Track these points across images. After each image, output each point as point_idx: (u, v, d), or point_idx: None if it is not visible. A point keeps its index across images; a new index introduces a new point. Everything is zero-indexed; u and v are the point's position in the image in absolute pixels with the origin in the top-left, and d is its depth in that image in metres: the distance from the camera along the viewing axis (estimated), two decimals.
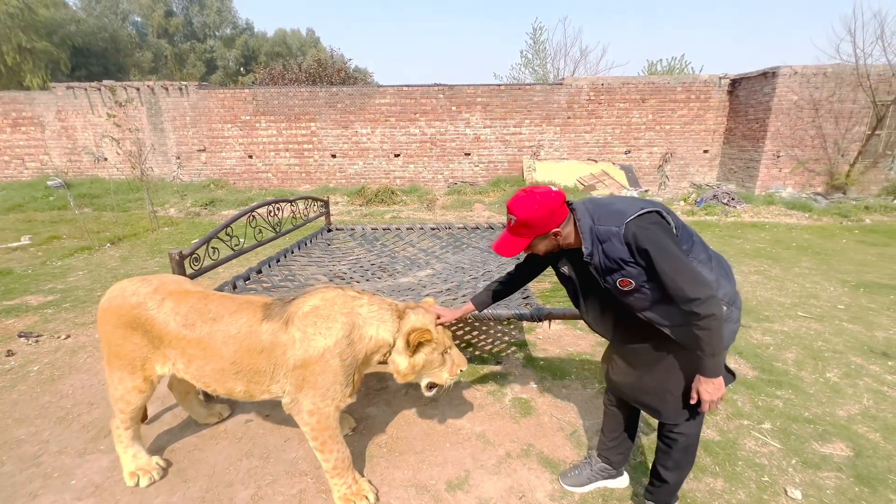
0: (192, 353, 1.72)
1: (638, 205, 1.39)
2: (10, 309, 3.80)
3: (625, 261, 1.38)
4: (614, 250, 1.38)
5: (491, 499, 1.85)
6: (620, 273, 1.41)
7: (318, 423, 1.69)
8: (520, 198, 1.45)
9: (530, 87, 10.06)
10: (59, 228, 6.90)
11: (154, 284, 1.81)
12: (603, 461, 1.87)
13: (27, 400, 2.55)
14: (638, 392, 1.61)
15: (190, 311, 1.73)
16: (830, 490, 1.89)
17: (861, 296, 4.11)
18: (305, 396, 1.68)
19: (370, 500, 1.80)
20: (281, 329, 1.67)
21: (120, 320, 1.75)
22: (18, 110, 10.17)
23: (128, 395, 1.83)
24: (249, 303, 1.77)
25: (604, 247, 1.40)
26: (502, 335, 3.36)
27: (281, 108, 10.07)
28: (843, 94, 8.56)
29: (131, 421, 1.90)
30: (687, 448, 1.60)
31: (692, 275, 1.32)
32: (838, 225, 7.21)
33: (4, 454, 2.10)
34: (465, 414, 2.40)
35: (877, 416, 2.37)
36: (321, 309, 1.68)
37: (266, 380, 1.71)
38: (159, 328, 1.73)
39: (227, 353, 1.69)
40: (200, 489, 1.90)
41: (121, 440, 1.92)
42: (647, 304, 1.44)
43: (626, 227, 1.35)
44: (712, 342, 1.35)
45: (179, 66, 24.94)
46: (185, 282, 1.93)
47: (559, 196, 1.44)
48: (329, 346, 1.64)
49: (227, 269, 4.63)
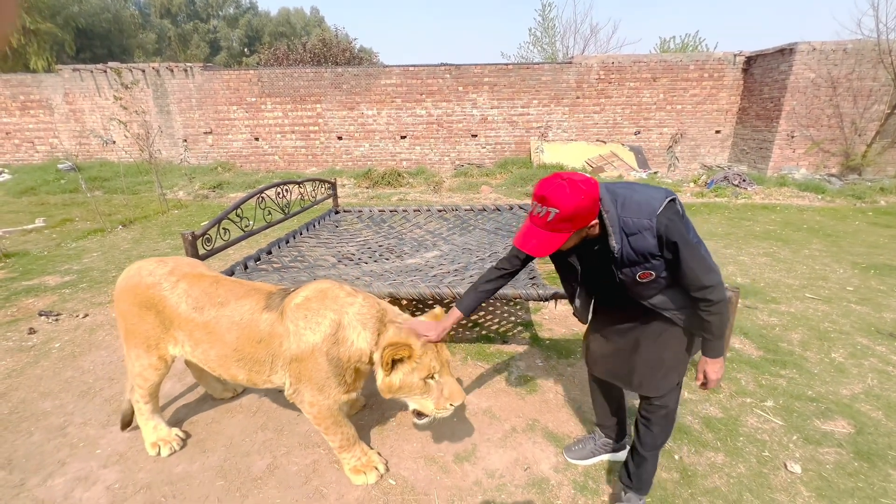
0: (199, 336, 1.74)
1: (660, 194, 1.34)
2: (30, 289, 3.91)
3: (653, 254, 1.33)
4: (644, 244, 1.32)
5: (497, 470, 1.92)
6: (643, 266, 1.37)
7: (319, 413, 1.72)
8: (559, 186, 1.25)
9: (539, 67, 9.85)
10: (71, 211, 7.01)
11: (170, 266, 1.84)
12: (606, 436, 1.93)
13: (50, 375, 2.65)
14: (623, 369, 1.62)
15: (201, 294, 1.75)
16: (830, 465, 1.92)
17: (871, 278, 4.08)
18: (305, 388, 1.69)
19: (380, 470, 1.87)
20: (278, 320, 1.67)
21: (136, 299, 1.79)
22: (27, 93, 10.20)
23: (144, 371, 1.89)
24: (256, 290, 1.78)
25: (630, 240, 1.33)
26: (509, 315, 3.40)
27: (286, 90, 9.99)
28: (862, 71, 8.28)
29: (150, 396, 1.97)
30: (666, 421, 1.61)
31: (707, 263, 1.33)
32: (852, 207, 7.09)
33: (32, 425, 2.21)
34: (472, 390, 2.46)
35: (880, 396, 2.39)
36: (312, 301, 1.65)
37: (266, 369, 1.72)
38: (171, 309, 1.75)
39: (229, 339, 1.70)
40: (219, 458, 1.99)
41: (141, 413, 2.00)
42: (654, 292, 1.43)
43: (657, 220, 1.30)
44: (721, 325, 1.38)
45: (183, 47, 24.71)
46: (200, 265, 1.96)
47: (596, 183, 1.32)
48: (317, 342, 1.61)
49: (237, 250, 4.70)
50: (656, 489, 1.79)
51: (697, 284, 1.33)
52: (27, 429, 2.18)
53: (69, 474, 1.90)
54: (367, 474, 1.83)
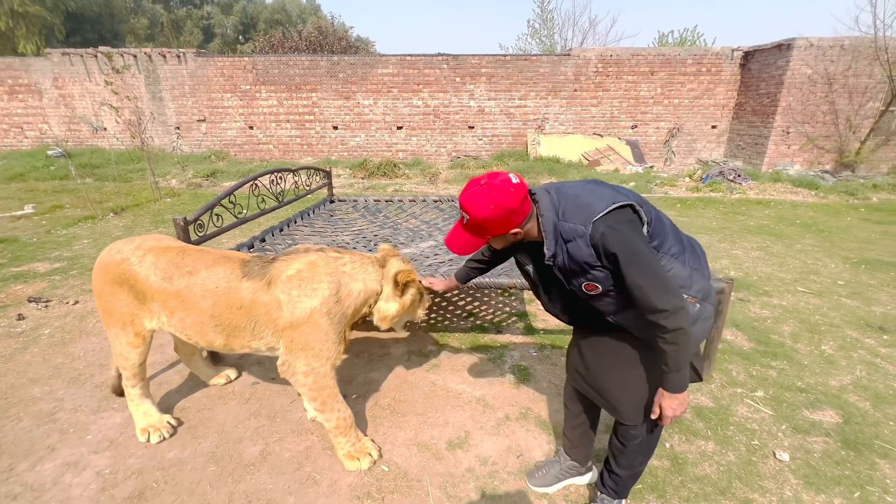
0: (173, 305, 1.78)
1: (608, 198, 1.22)
2: (19, 275, 3.85)
3: (590, 265, 1.22)
4: (579, 252, 1.22)
5: (490, 457, 1.93)
6: (586, 277, 1.26)
7: (315, 382, 1.74)
8: (474, 193, 1.24)
9: (536, 58, 9.79)
10: (61, 198, 6.90)
11: (137, 242, 1.88)
12: (571, 458, 1.78)
13: (40, 361, 2.62)
14: (597, 387, 1.50)
15: (168, 264, 1.78)
16: (818, 453, 1.95)
17: (862, 272, 4.12)
18: (297, 358, 1.73)
19: (374, 456, 1.88)
20: (262, 289, 1.70)
21: (107, 277, 1.83)
22: (14, 77, 9.98)
23: (124, 350, 1.91)
24: (226, 258, 1.81)
25: (568, 247, 1.23)
26: (503, 305, 3.41)
27: (281, 78, 9.85)
28: (858, 68, 8.30)
29: (136, 378, 1.97)
30: (642, 448, 1.49)
31: (661, 283, 1.16)
32: (844, 203, 7.15)
33: (22, 411, 2.18)
34: (465, 379, 2.47)
35: (868, 387, 2.42)
36: (304, 272, 1.72)
37: (246, 335, 1.77)
38: (142, 282, 1.79)
39: (204, 306, 1.73)
40: (211, 445, 1.98)
41: (131, 397, 2.00)
42: (614, 308, 1.31)
43: (593, 226, 1.18)
44: (678, 357, 1.21)
45: (176, 33, 24.24)
46: (167, 239, 1.97)
47: (519, 191, 1.23)
48: (315, 306, 1.68)
49: (229, 237, 4.65)
50: (647, 476, 1.81)
51: (648, 306, 1.16)
52: (16, 414, 2.16)
53: (59, 460, 1.88)
54: (360, 460, 1.84)
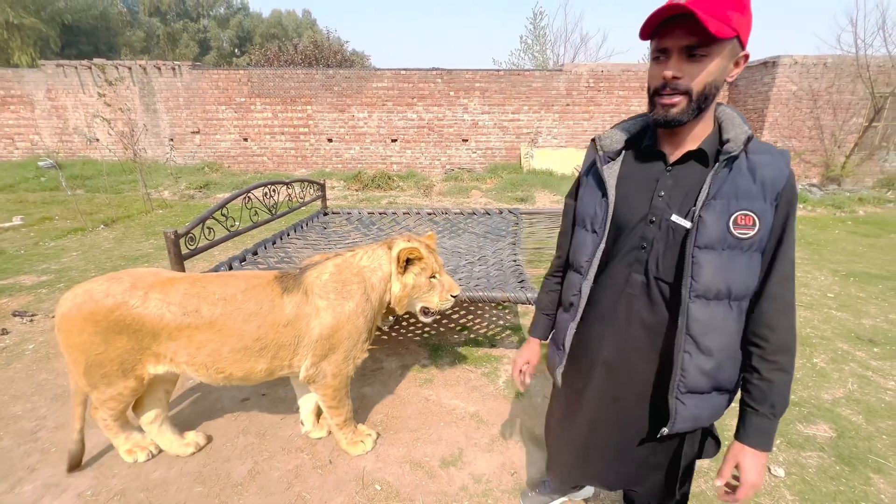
0: (202, 339, 1.65)
1: None
2: (4, 288, 3.78)
3: (765, 190, 0.89)
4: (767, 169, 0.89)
5: (484, 475, 1.90)
6: (747, 201, 0.89)
7: (340, 382, 1.84)
8: None
9: (529, 73, 9.95)
10: (51, 209, 6.82)
11: (128, 281, 1.65)
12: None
13: (23, 377, 2.55)
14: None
15: (185, 297, 1.64)
16: (812, 468, 1.94)
17: (851, 285, 4.17)
18: (330, 362, 1.78)
19: (373, 436, 2.06)
20: (302, 301, 1.72)
21: (97, 327, 1.59)
22: (7, 88, 9.94)
23: (117, 396, 1.73)
24: (256, 277, 1.77)
25: (756, 158, 0.91)
26: (497, 319, 3.39)
27: (276, 91, 9.91)
28: (842, 84, 8.55)
29: (120, 413, 1.82)
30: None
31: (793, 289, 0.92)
32: (832, 216, 7.27)
33: (2, 429, 2.12)
34: (459, 394, 2.44)
35: (860, 400, 2.43)
36: (336, 275, 1.78)
37: (289, 354, 1.75)
38: (152, 323, 1.61)
39: (249, 330, 1.66)
40: (198, 464, 1.93)
41: (110, 429, 1.86)
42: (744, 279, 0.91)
43: (790, 171, 0.91)
44: (785, 394, 0.92)
45: (172, 46, 24.41)
46: (160, 271, 1.81)
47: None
48: (353, 308, 1.76)
49: (222, 250, 4.61)
50: None
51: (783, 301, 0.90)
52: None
53: (39, 481, 1.82)
54: (364, 442, 2.00)
